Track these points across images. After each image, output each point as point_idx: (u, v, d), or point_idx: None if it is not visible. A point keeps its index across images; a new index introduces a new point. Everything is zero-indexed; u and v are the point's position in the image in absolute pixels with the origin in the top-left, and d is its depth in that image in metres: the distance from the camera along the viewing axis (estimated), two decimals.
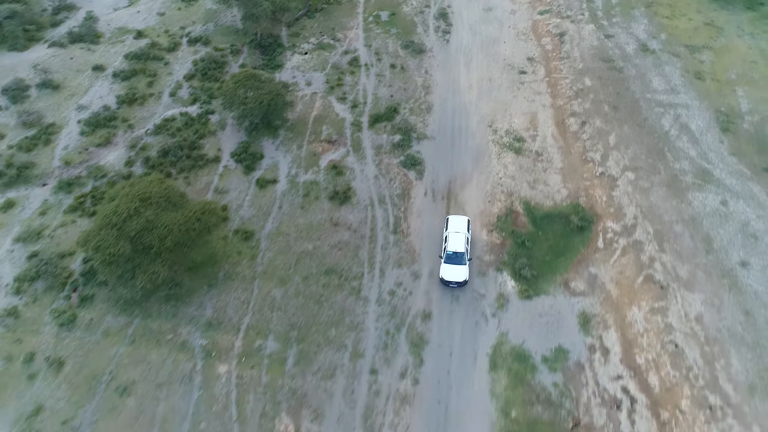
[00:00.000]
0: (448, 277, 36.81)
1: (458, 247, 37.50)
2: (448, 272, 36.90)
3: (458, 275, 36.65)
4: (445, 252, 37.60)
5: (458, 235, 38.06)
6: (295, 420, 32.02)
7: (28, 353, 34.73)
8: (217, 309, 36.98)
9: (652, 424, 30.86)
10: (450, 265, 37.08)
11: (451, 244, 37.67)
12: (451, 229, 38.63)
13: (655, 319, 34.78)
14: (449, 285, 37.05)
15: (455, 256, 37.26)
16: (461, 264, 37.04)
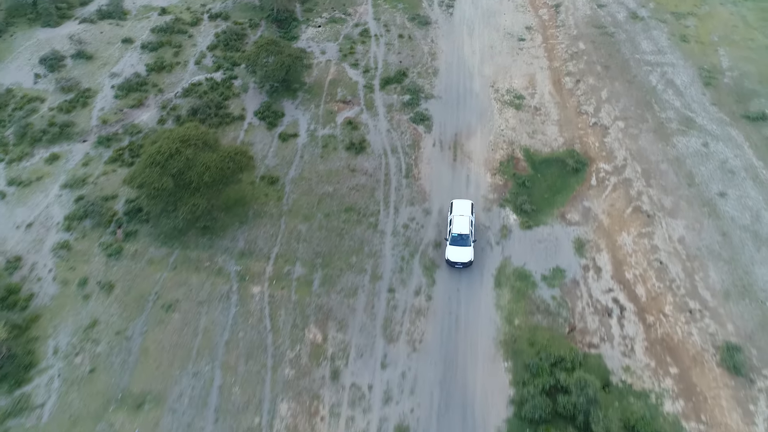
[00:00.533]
0: (453, 258, 37.78)
1: (463, 230, 38.40)
2: (453, 254, 37.89)
3: (464, 256, 37.71)
4: (450, 234, 38.49)
5: (462, 218, 38.93)
6: (323, 330, 36.08)
7: (81, 278, 38.82)
8: (248, 241, 41.08)
9: (639, 327, 34.91)
10: (455, 246, 38.02)
11: (456, 227, 38.54)
12: (456, 212, 39.48)
13: (642, 242, 38.88)
14: (455, 266, 38.11)
15: (460, 238, 38.21)
16: (466, 245, 38.00)
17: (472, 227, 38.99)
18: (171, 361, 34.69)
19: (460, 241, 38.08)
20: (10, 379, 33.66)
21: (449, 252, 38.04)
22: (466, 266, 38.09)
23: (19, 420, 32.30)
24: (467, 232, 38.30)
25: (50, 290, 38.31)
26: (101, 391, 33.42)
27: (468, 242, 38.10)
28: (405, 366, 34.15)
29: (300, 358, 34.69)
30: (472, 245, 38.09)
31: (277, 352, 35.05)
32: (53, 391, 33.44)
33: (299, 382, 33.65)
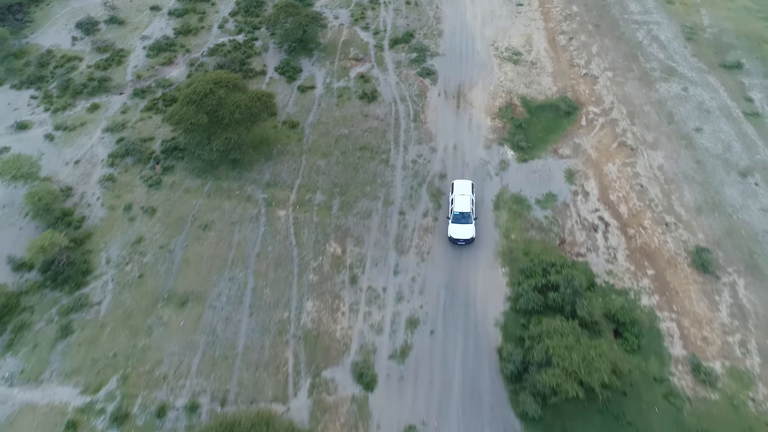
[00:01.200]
0: (456, 235, 39.06)
1: (464, 208, 39.78)
2: (456, 231, 39.19)
3: (465, 233, 39.04)
4: (452, 213, 39.83)
5: (464, 197, 40.37)
6: (342, 244, 40.91)
7: (126, 204, 43.76)
8: (273, 174, 45.93)
9: (621, 238, 39.63)
10: (457, 224, 39.34)
11: (458, 206, 39.93)
12: (457, 191, 40.89)
13: (625, 170, 43.58)
14: (457, 243, 39.44)
15: (462, 216, 39.57)
16: (468, 223, 39.38)
17: (473, 205, 40.50)
18: (209, 268, 39.57)
19: (461, 219, 39.50)
20: (71, 282, 38.59)
21: (452, 229, 39.36)
22: (468, 243, 39.52)
23: (80, 314, 37.26)
24: (468, 210, 39.71)
25: (99, 214, 43.25)
26: (149, 292, 38.34)
27: (470, 220, 39.53)
28: (414, 272, 38.94)
29: (322, 267, 39.52)
30: (473, 222, 39.54)
31: (301, 262, 39.88)
32: (108, 292, 38.38)
33: (322, 286, 38.49)
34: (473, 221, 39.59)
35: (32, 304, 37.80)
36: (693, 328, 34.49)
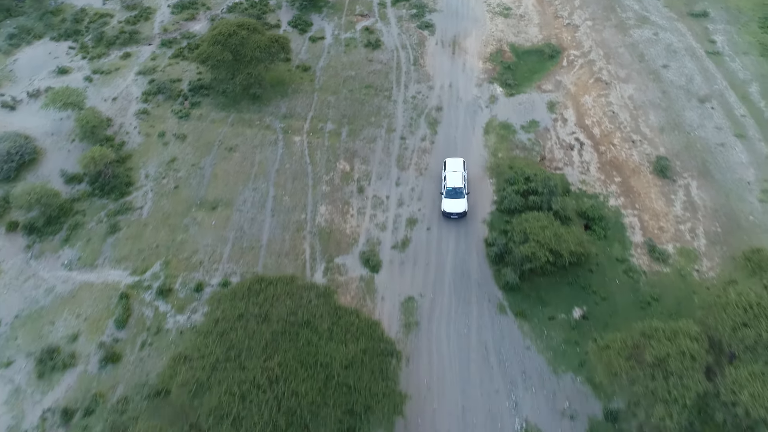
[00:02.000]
0: (449, 209, 40.70)
1: (457, 183, 41.29)
2: (449, 205, 40.78)
3: (458, 207, 40.64)
4: (445, 188, 41.44)
5: (456, 174, 41.90)
6: (350, 163, 46.84)
7: (160, 131, 49.75)
8: (289, 108, 51.85)
9: (594, 154, 45.50)
10: (450, 199, 40.90)
11: (450, 181, 41.51)
12: (449, 168, 42.51)
13: (600, 100, 49.43)
14: (451, 217, 41.09)
15: (454, 191, 41.09)
16: (460, 197, 40.92)
17: (465, 181, 41.92)
18: (235, 181, 45.57)
19: (454, 194, 41.03)
20: (116, 191, 44.64)
21: (445, 204, 40.95)
22: (461, 216, 41.14)
23: (125, 216, 43.30)
24: (461, 185, 41.26)
25: (137, 140, 49.27)
26: (184, 199, 44.37)
27: (462, 194, 41.03)
28: (414, 184, 44.86)
29: (333, 180, 45.49)
30: (465, 197, 41.08)
31: (315, 176, 45.85)
32: (148, 199, 44.43)
33: (333, 194, 44.46)
34: (465, 196, 41.23)
35: (83, 209, 43.86)
36: (651, 220, 40.36)
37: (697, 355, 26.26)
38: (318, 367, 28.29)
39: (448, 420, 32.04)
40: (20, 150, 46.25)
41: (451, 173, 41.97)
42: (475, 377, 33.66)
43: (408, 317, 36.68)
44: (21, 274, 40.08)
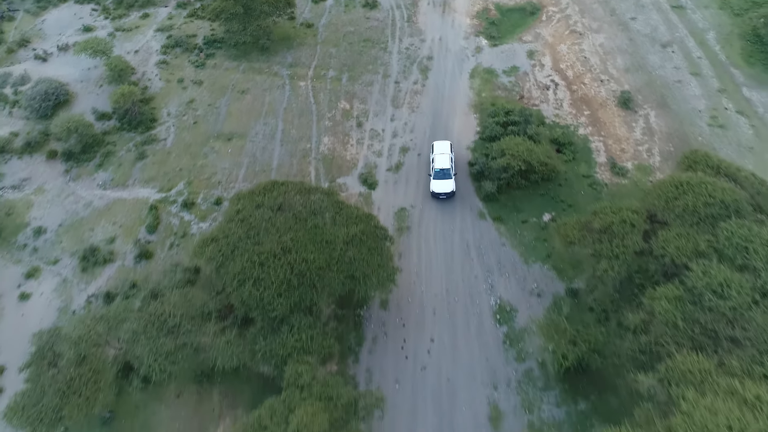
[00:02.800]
0: (438, 189, 42.35)
1: (444, 165, 42.97)
2: (437, 186, 42.41)
3: (446, 187, 42.32)
4: (434, 170, 43.06)
5: (443, 156, 43.56)
6: (350, 103, 52.44)
7: (179, 78, 55.37)
8: (294, 58, 57.43)
9: (567, 92, 51.09)
10: (438, 180, 42.56)
11: (438, 163, 43.11)
12: (437, 151, 44.10)
13: (574, 48, 55.02)
14: (439, 197, 42.75)
15: (442, 172, 42.72)
16: (448, 178, 42.53)
17: (452, 163, 43.54)
18: (248, 118, 51.20)
19: (442, 174, 42.66)
20: (142, 126, 50.27)
21: (434, 185, 42.51)
22: (449, 197, 42.77)
23: (151, 146, 48.94)
24: (448, 167, 42.91)
25: (158, 85, 54.89)
26: (203, 132, 50.01)
27: (449, 175, 42.59)
28: (407, 119, 50.46)
29: (335, 116, 51.11)
30: (453, 178, 42.65)
31: (319, 113, 51.45)
32: (171, 132, 50.08)
33: (335, 128, 50.08)
34: (453, 176, 42.80)
35: (114, 141, 49.54)
36: (614, 144, 46.03)
37: (636, 223, 31.97)
38: (324, 243, 33.87)
39: (434, 299, 37.74)
40: (55, 91, 51.85)
41: (439, 155, 43.51)
42: (457, 267, 39.34)
43: (401, 223, 42.34)
44: (61, 193, 45.78)
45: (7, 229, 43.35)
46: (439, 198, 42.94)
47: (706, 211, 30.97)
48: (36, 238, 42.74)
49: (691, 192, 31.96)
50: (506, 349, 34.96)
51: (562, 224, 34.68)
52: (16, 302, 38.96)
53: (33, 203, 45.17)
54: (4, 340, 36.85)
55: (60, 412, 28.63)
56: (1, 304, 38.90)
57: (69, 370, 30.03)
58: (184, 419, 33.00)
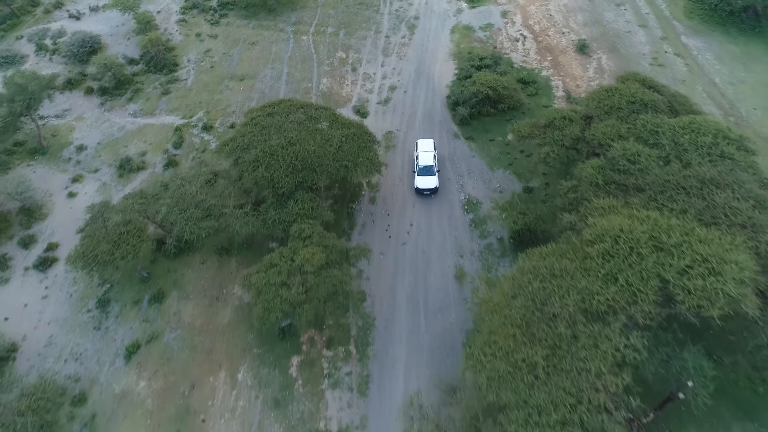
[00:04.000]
0: (422, 185, 43.86)
1: (428, 162, 44.53)
2: (421, 182, 43.93)
3: (430, 183, 43.87)
4: (417, 167, 44.70)
5: (427, 153, 45.24)
6: (346, 53, 60.43)
7: (197, 33, 63.37)
8: (298, 18, 65.53)
9: (533, 43, 59.13)
10: (422, 177, 44.17)
11: (422, 160, 44.82)
12: (421, 149, 45.88)
13: (542, 8, 63.20)
14: (423, 193, 44.27)
15: (426, 169, 44.36)
16: (432, 175, 44.23)
17: (435, 160, 45.16)
18: (257, 63, 59.13)
19: (425, 171, 44.41)
20: (165, 69, 58.16)
21: (418, 181, 44.14)
22: (433, 192, 44.53)
23: (174, 85, 56.81)
24: (432, 164, 44.56)
25: (179, 38, 62.89)
26: (219, 74, 57.93)
27: (433, 172, 44.28)
28: (395, 65, 58.41)
29: (333, 63, 59.06)
30: (436, 174, 44.33)
31: (319, 60, 59.40)
32: (191, 74, 58.00)
33: (333, 72, 58.00)
34: (436, 173, 44.46)
35: (142, 81, 57.42)
36: (571, 81, 53.98)
37: (573, 119, 39.88)
38: (322, 140, 41.62)
39: (414, 196, 45.41)
40: (90, 41, 59.80)
41: (423, 153, 45.28)
42: None
43: (388, 143, 50.10)
44: (98, 120, 53.61)
45: (53, 147, 51.06)
46: (423, 194, 44.61)
47: (629, 107, 38.92)
48: (78, 153, 50.45)
49: (618, 94, 39.93)
50: (472, 230, 42.61)
51: (516, 124, 42.52)
52: (64, 199, 46.58)
53: (74, 128, 52.93)
54: (57, 225, 44.45)
55: (112, 255, 36.16)
56: (53, 200, 46.51)
57: (117, 228, 37.64)
58: (207, 279, 40.54)
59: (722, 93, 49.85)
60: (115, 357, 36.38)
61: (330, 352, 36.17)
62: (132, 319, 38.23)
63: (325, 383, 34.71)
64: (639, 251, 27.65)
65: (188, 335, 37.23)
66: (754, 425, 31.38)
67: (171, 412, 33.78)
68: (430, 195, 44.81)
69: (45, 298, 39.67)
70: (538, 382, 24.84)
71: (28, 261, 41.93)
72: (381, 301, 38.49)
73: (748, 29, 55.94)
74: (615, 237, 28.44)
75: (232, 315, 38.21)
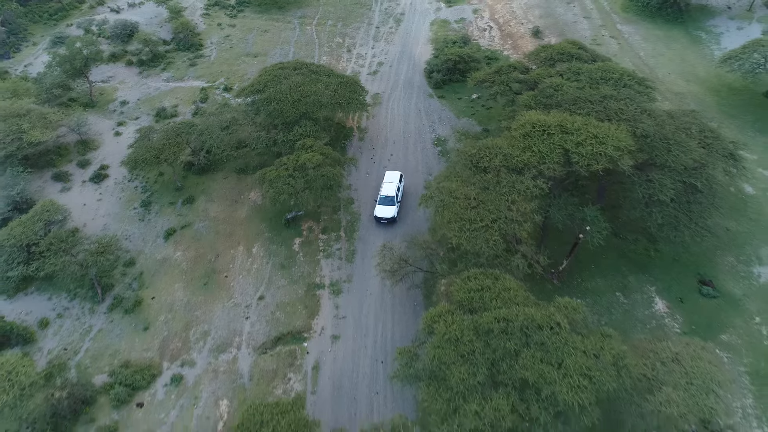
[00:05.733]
0: (380, 214, 45.40)
1: (389, 193, 46.04)
2: (379, 211, 45.54)
3: (388, 213, 45.26)
4: (379, 196, 46.22)
5: (391, 185, 46.81)
6: (342, 39, 72.72)
7: (218, 23, 75.94)
8: (303, 13, 78.35)
9: (498, 31, 71.67)
10: (382, 206, 45.66)
11: (384, 191, 46.27)
12: (386, 180, 47.48)
13: (506, 6, 76.14)
14: (381, 221, 45.62)
15: (386, 199, 45.86)
16: (391, 205, 45.66)
17: (399, 192, 46.56)
18: (269, 45, 71.37)
19: (386, 201, 45.77)
20: (192, 48, 70.31)
21: (377, 210, 45.62)
22: (390, 222, 45.68)
23: (200, 60, 68.77)
24: (393, 194, 45.94)
25: (202, 27, 75.38)
26: (237, 53, 70.02)
27: (393, 202, 45.64)
28: (383, 48, 70.69)
29: (332, 46, 71.32)
30: (396, 205, 45.73)
31: (320, 44, 71.65)
32: (213, 52, 70.08)
33: (331, 52, 70.16)
34: (397, 204, 45.76)
35: (172, 56, 69.41)
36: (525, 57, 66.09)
37: (517, 66, 51.53)
38: (321, 85, 53.01)
39: (395, 136, 56.41)
40: (130, 26, 72.09)
41: (387, 184, 46.96)
42: (411, 121, 58.30)
43: (376, 100, 61.50)
44: (137, 84, 65.21)
45: (101, 102, 62.39)
46: (380, 222, 45.91)
47: (557, 57, 50.64)
48: (122, 107, 61.76)
49: (551, 49, 51.77)
50: (439, 158, 53.48)
51: (474, 74, 54.19)
52: (112, 137, 57.52)
53: (117, 89, 64.47)
54: (107, 154, 55.24)
55: (158, 157, 46.89)
56: (103, 137, 57.41)
57: (160, 142, 48.47)
58: (228, 189, 51.07)
59: (645, 63, 61.85)
60: (156, 237, 46.58)
61: (325, 236, 46.38)
62: (169, 214, 48.59)
63: (321, 255, 44.79)
64: (549, 132, 38.61)
65: (213, 224, 47.53)
66: (645, 276, 41.46)
67: (201, 271, 43.77)
68: (386, 224, 46.14)
69: (99, 200, 50.11)
70: (471, 207, 35.33)
71: (84, 176, 52.53)
72: (366, 204, 48.91)
73: (672, 19, 68.59)
74: (533, 124, 39.47)
75: (248, 212, 48.61)
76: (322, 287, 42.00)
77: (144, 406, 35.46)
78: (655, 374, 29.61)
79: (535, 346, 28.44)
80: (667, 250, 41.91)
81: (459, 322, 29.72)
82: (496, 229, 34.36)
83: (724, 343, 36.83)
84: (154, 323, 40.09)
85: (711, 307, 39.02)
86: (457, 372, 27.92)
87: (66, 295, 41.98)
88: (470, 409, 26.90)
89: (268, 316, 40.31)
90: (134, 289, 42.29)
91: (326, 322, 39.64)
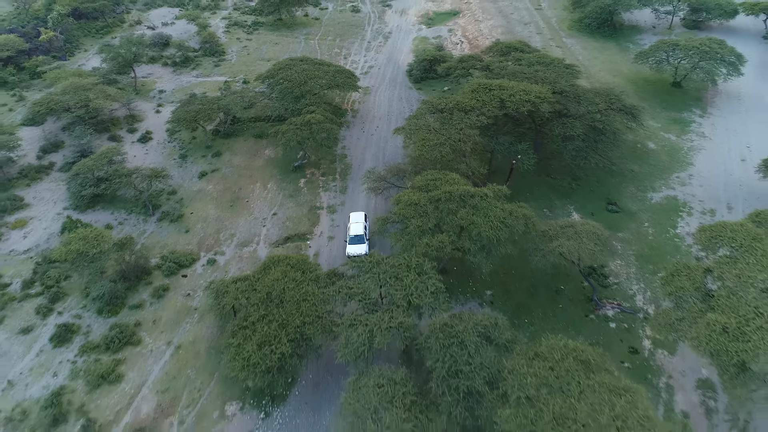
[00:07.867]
0: (352, 252, 47.00)
1: (358, 232, 48.23)
2: (351, 249, 47.35)
3: (359, 250, 46.94)
4: (349, 237, 48.38)
5: (358, 224, 49.01)
6: (340, 50, 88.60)
7: (237, 37, 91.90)
8: (308, 32, 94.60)
9: (467, 44, 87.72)
10: (353, 245, 47.67)
11: (353, 230, 48.62)
12: (353, 221, 49.76)
13: (476, 27, 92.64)
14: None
15: (356, 238, 48.03)
16: (362, 243, 47.61)
17: (366, 230, 48.86)
18: (279, 53, 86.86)
19: (356, 240, 48.02)
20: (215, 54, 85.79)
21: (348, 248, 47.54)
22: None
23: (223, 62, 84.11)
24: (362, 233, 48.24)
25: (224, 40, 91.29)
26: (253, 58, 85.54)
27: (363, 240, 47.83)
28: (373, 56, 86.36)
29: (331, 54, 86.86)
30: (366, 242, 47.78)
31: (322, 53, 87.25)
32: (234, 57, 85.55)
33: (331, 59, 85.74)
34: (366, 241, 47.86)
35: (200, 59, 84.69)
36: None
37: (476, 57, 66.68)
38: (322, 71, 67.77)
39: (381, 114, 70.59)
40: (165, 37, 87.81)
41: (354, 224, 49.27)
42: (395, 105, 72.84)
43: (366, 92, 76.27)
44: (172, 78, 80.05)
45: (143, 90, 76.85)
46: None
47: (506, 50, 65.93)
48: (160, 94, 76.23)
49: (502, 44, 67.17)
50: None
51: (442, 65, 69.26)
52: (153, 114, 71.60)
53: (156, 82, 79.13)
54: (150, 125, 69.16)
55: (195, 119, 60.86)
56: (146, 114, 71.54)
57: (198, 106, 62.57)
58: (248, 147, 64.68)
59: (582, 63, 77.33)
60: (192, 177, 59.81)
61: (324, 178, 59.69)
62: (201, 162, 62.00)
63: (320, 189, 57.97)
64: (490, 88, 52.99)
65: (237, 170, 60.86)
66: (567, 200, 54.75)
67: (227, 198, 56.78)
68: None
69: (146, 153, 63.59)
70: (431, 131, 49.12)
71: (133, 138, 66.22)
72: (356, 158, 62.50)
73: (608, 35, 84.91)
74: (479, 83, 53.92)
75: (263, 162, 62.11)
76: (322, 208, 54.96)
77: (187, 276, 47.72)
78: (553, 232, 42.51)
79: (469, 207, 41.38)
80: (585, 185, 55.39)
81: (418, 195, 42.84)
82: (447, 145, 47.99)
83: (620, 238, 49.73)
84: (193, 228, 52.77)
85: (614, 218, 52.13)
86: (415, 222, 40.75)
87: (125, 211, 54.74)
88: (423, 242, 39.61)
89: (280, 224, 53.12)
90: (177, 208, 55.14)
91: (324, 228, 52.43)
